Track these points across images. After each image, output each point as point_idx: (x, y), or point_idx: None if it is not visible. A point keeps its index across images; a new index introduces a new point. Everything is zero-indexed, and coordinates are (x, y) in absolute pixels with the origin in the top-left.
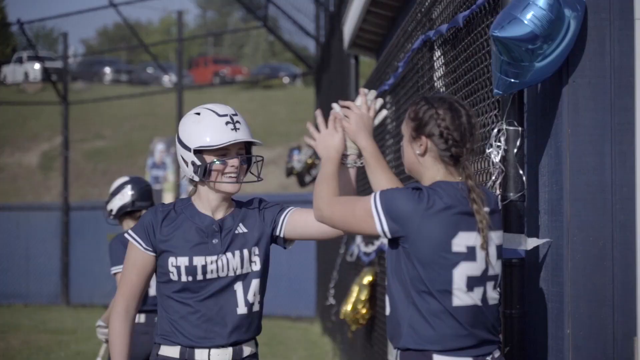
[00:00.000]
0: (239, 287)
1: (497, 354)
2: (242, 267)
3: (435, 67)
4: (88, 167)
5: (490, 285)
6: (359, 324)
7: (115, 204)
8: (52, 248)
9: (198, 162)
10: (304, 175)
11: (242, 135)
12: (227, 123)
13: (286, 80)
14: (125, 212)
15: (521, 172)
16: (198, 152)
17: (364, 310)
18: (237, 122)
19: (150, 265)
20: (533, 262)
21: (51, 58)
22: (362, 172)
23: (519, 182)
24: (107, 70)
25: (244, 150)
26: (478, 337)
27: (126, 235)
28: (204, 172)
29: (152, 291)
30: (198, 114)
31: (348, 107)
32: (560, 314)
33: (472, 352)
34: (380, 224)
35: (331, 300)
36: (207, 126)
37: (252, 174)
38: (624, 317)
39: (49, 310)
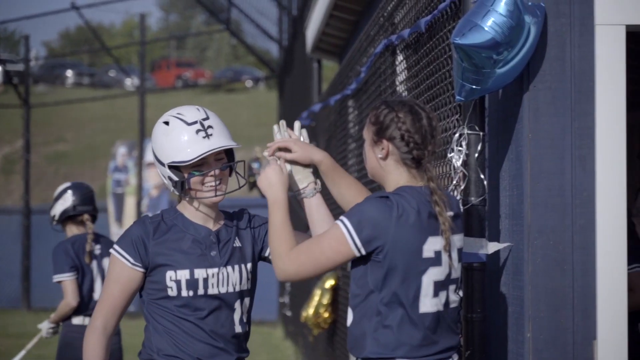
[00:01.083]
0: (238, 305)
1: (455, 357)
2: (240, 282)
3: (398, 72)
4: (50, 170)
5: (452, 289)
6: (321, 328)
7: (57, 209)
8: (13, 252)
9: (175, 178)
10: None
11: (216, 143)
12: (197, 131)
13: (249, 83)
14: (67, 217)
15: (482, 176)
16: (173, 166)
17: (326, 314)
18: (209, 127)
19: (137, 282)
20: (494, 266)
21: (12, 61)
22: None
23: (480, 187)
24: (69, 73)
25: (223, 153)
26: (441, 343)
27: (111, 250)
28: (182, 188)
29: (97, 295)
30: (167, 123)
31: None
32: (520, 318)
33: (434, 358)
34: (354, 245)
35: (287, 312)
36: (176, 139)
37: (238, 174)
38: (583, 321)
39: (9, 314)
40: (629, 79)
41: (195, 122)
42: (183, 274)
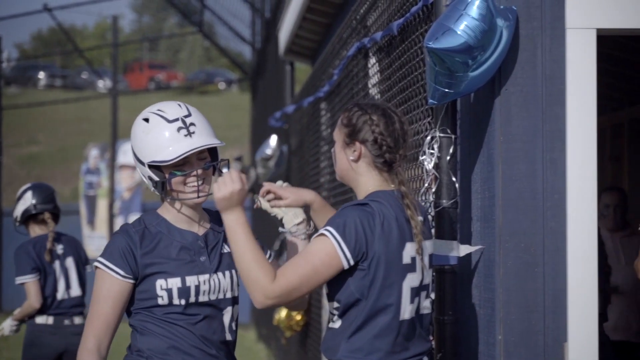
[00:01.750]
0: (228, 312)
1: None
2: (231, 289)
3: (370, 75)
4: (22, 172)
5: (423, 294)
6: (293, 330)
7: (19, 210)
8: None
9: (155, 177)
10: None
11: (198, 141)
12: (179, 129)
13: (222, 86)
14: (29, 218)
15: (454, 179)
16: (154, 165)
17: (298, 317)
18: (192, 124)
19: (128, 294)
20: (465, 269)
21: None
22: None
23: (452, 189)
24: (42, 75)
25: (206, 152)
26: (412, 349)
27: (96, 264)
28: (163, 188)
29: (60, 295)
30: (147, 120)
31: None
32: (491, 320)
33: None
34: (345, 257)
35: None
36: (157, 137)
37: (222, 173)
38: (554, 323)
39: None
40: (603, 82)
41: (177, 120)
42: (174, 283)
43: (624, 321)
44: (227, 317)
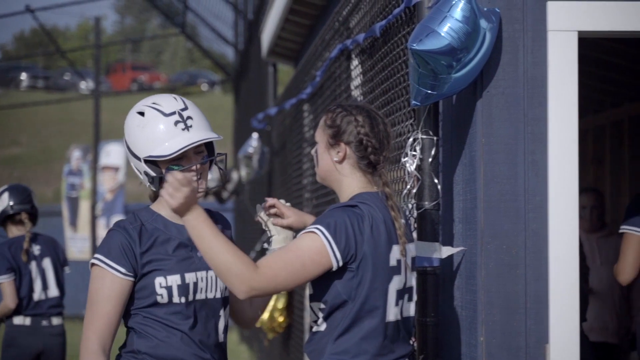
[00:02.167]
0: (222, 312)
1: None
2: (225, 288)
3: (353, 76)
4: (4, 173)
5: (406, 298)
6: (276, 332)
7: None
8: None
9: (152, 173)
10: (221, 193)
11: (196, 135)
12: (176, 123)
13: (205, 87)
14: (7, 219)
15: (436, 181)
16: (150, 160)
17: (280, 319)
18: (189, 117)
19: (129, 293)
20: (447, 271)
21: None
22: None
23: (434, 191)
24: (24, 76)
25: (203, 146)
26: (397, 351)
27: (94, 261)
28: (160, 183)
29: (37, 296)
30: (142, 114)
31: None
32: (473, 322)
33: None
34: (334, 257)
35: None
36: (153, 131)
37: (221, 168)
38: (536, 325)
39: None
40: (585, 84)
41: (174, 113)
42: (174, 280)
43: (601, 322)
44: (221, 320)
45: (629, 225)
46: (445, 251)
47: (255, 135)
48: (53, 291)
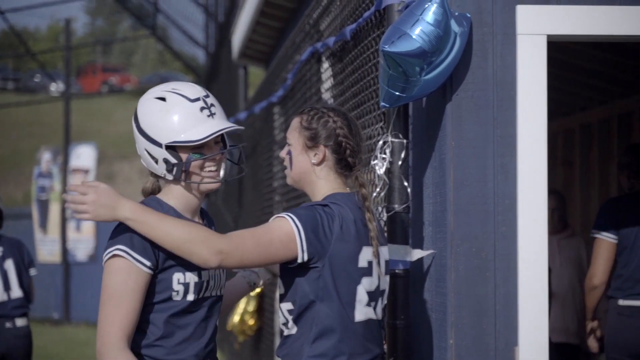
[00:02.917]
0: (216, 313)
1: None
2: (222, 286)
3: (323, 79)
4: None
5: (380, 300)
6: (246, 335)
7: None
8: None
9: (172, 160)
10: None
11: (221, 123)
12: (202, 109)
13: None
14: None
15: (406, 184)
16: (170, 147)
17: (251, 322)
18: (212, 105)
19: (147, 288)
20: (417, 273)
21: None
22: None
23: (404, 194)
24: None
25: (220, 136)
26: (372, 352)
27: (116, 252)
28: (182, 171)
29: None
30: (163, 99)
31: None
32: (443, 325)
33: None
34: (301, 247)
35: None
36: (179, 116)
37: (231, 161)
38: (505, 327)
39: None
40: (554, 88)
41: (198, 99)
42: (191, 277)
43: (562, 323)
44: (214, 319)
45: (600, 230)
46: (416, 254)
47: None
48: (16, 292)
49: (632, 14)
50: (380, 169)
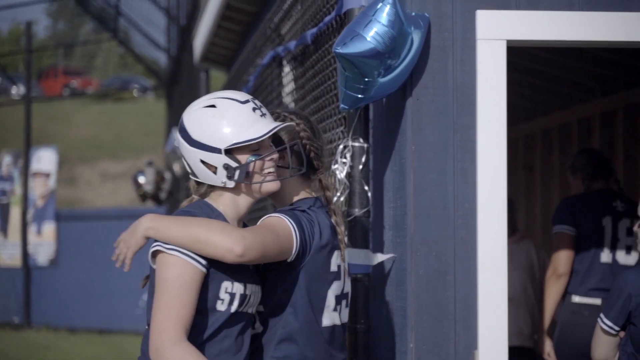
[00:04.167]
0: (250, 327)
1: None
2: (258, 302)
3: (284, 83)
4: None
5: (344, 303)
6: None
7: None
8: None
9: (234, 164)
10: (159, 194)
11: (273, 122)
12: (254, 109)
13: (137, 93)
14: None
15: (366, 188)
16: (228, 151)
17: None
18: (261, 105)
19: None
20: (378, 277)
21: None
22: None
23: (364, 198)
24: None
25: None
26: (336, 356)
27: (173, 253)
28: (246, 174)
29: None
30: (212, 106)
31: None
32: (404, 328)
33: None
34: (295, 246)
35: None
36: (237, 118)
37: (280, 166)
38: (465, 331)
39: None
40: (515, 92)
41: (248, 101)
42: (239, 288)
43: (515, 326)
44: (248, 338)
45: (561, 224)
46: (376, 258)
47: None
48: None
49: (591, 19)
50: (341, 173)
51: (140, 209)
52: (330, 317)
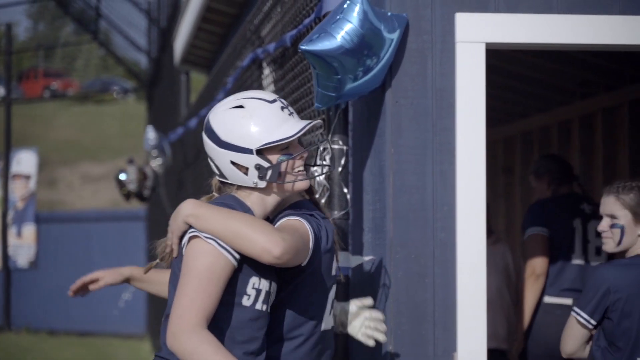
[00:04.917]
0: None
1: None
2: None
3: (264, 85)
4: None
5: (330, 305)
6: None
7: None
8: None
9: (266, 164)
10: (142, 191)
11: (301, 121)
12: (282, 108)
13: (118, 94)
14: None
15: (345, 190)
16: (259, 152)
17: None
18: (288, 105)
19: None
20: (357, 280)
21: None
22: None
23: (344, 201)
24: None
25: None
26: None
27: (210, 241)
28: (278, 174)
29: None
30: (241, 107)
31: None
32: None
33: None
34: (310, 250)
35: None
36: (267, 117)
37: (309, 165)
38: (444, 333)
39: None
40: (495, 95)
41: (275, 100)
42: (265, 285)
43: (492, 328)
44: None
45: (535, 226)
46: (355, 260)
47: (149, 127)
48: None
49: (569, 22)
50: (320, 175)
51: (119, 211)
52: (326, 322)
